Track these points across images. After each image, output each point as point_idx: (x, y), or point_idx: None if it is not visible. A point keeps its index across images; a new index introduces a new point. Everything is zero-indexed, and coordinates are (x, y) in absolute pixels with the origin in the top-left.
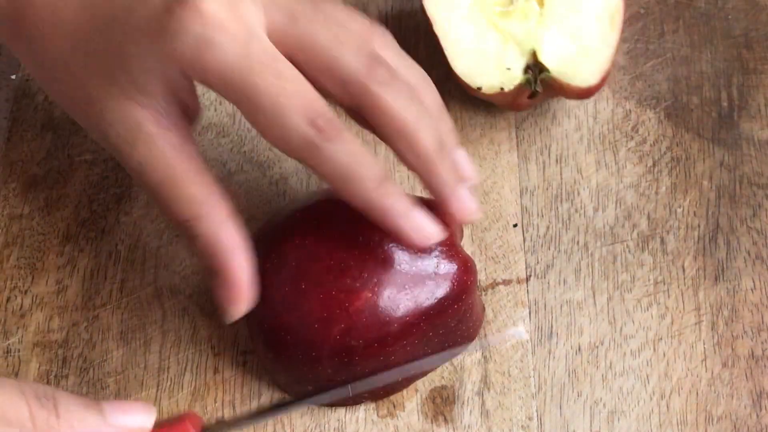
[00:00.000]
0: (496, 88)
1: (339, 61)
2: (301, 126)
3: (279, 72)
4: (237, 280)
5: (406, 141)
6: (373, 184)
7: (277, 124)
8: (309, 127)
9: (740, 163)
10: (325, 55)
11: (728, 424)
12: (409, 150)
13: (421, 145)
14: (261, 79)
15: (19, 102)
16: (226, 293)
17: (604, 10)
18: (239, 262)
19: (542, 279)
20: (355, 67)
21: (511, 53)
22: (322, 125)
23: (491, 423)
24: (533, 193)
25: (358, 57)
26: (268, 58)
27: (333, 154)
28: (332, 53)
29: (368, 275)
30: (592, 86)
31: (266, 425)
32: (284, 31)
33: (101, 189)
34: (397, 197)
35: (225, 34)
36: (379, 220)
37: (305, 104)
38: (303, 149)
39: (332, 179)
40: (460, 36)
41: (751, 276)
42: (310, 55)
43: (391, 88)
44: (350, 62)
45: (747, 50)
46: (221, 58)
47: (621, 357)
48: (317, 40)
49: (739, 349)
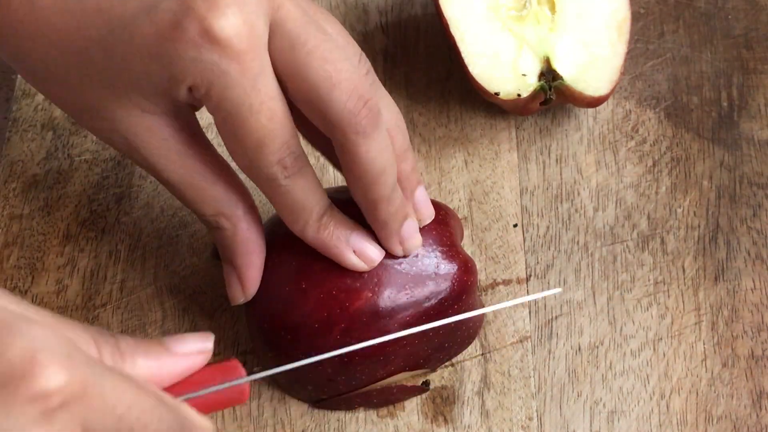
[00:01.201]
0: (513, 95)
1: (327, 104)
2: (272, 164)
3: (272, 114)
4: (248, 275)
5: (363, 184)
6: (315, 217)
7: (251, 158)
8: (277, 166)
9: (740, 163)
10: (315, 93)
11: (728, 424)
12: (364, 191)
13: (375, 193)
14: (255, 120)
15: (19, 102)
16: (235, 283)
17: (612, 20)
18: (253, 260)
19: (542, 279)
20: (341, 112)
21: (526, 59)
22: (289, 164)
23: (491, 423)
24: (533, 193)
25: (346, 102)
26: (268, 97)
27: (289, 189)
28: (322, 93)
29: (368, 275)
30: (603, 96)
31: (266, 425)
32: (283, 58)
33: (101, 189)
34: (335, 231)
35: (238, 66)
36: (320, 251)
37: (282, 145)
38: (264, 183)
39: (281, 209)
40: (477, 39)
41: (751, 276)
42: (302, 88)
43: (368, 139)
44: (338, 107)
45: (747, 50)
46: (228, 94)
47: (621, 357)
48: (310, 76)
49: (739, 349)
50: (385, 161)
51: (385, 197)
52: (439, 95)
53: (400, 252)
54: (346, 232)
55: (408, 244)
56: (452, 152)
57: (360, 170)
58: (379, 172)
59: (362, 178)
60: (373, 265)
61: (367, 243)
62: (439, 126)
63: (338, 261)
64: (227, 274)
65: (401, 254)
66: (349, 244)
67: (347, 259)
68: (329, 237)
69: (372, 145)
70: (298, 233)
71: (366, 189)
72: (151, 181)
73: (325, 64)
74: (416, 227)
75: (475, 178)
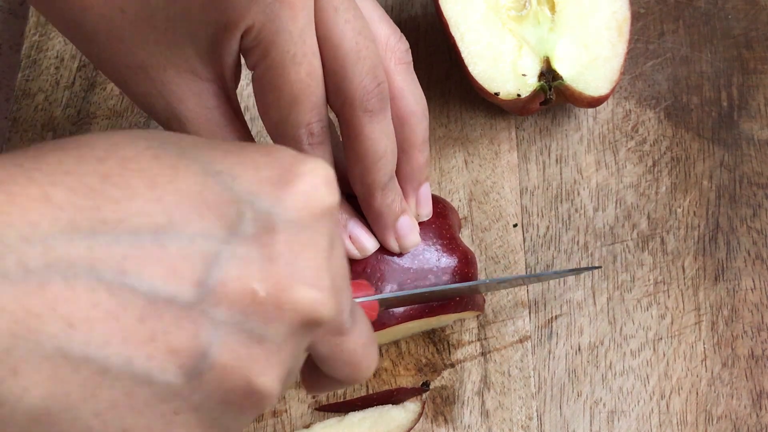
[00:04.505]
0: (513, 95)
1: (347, 77)
2: (300, 126)
3: (312, 69)
4: None
5: (363, 166)
6: None
7: (283, 113)
8: (304, 129)
9: (740, 163)
10: (342, 61)
11: (728, 424)
12: (362, 174)
13: (372, 176)
14: (295, 71)
15: (19, 102)
16: None
17: (613, 20)
18: None
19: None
20: (357, 85)
21: (526, 59)
22: (315, 131)
23: (491, 423)
24: (533, 193)
25: (365, 80)
26: (310, 52)
27: None
28: (347, 65)
29: (371, 270)
30: (603, 96)
31: (266, 425)
32: (323, 18)
33: None
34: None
35: (290, 12)
36: None
37: (313, 107)
38: (289, 144)
39: None
40: (477, 39)
41: (751, 276)
42: (331, 54)
43: (373, 120)
44: (356, 80)
45: (747, 50)
46: (276, 38)
47: (621, 357)
48: (342, 44)
49: (739, 349)
50: (386, 146)
51: (381, 184)
52: (439, 95)
53: (396, 248)
54: (345, 216)
55: (404, 242)
56: (452, 152)
57: (361, 150)
58: (379, 154)
59: (362, 160)
60: (365, 254)
61: (363, 231)
62: (439, 126)
63: None
64: None
65: (397, 250)
66: (346, 229)
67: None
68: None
69: (376, 127)
70: None
71: (364, 171)
72: None
73: (358, 36)
74: (414, 226)
75: (475, 178)
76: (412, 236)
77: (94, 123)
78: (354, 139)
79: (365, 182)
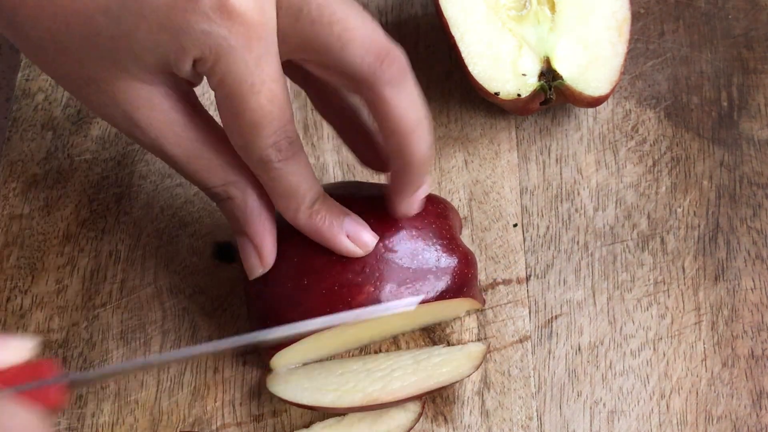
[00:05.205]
0: (513, 95)
1: (343, 64)
2: (267, 147)
3: (273, 95)
4: (264, 242)
5: (398, 140)
6: (307, 203)
7: (247, 138)
8: (272, 149)
9: (740, 163)
10: (329, 57)
11: (728, 424)
12: (399, 149)
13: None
14: (255, 100)
15: (19, 102)
16: (251, 254)
17: (613, 20)
18: (267, 227)
19: (542, 279)
20: (359, 66)
21: (526, 59)
22: (284, 147)
23: (491, 423)
24: (533, 193)
25: (363, 56)
26: (269, 78)
27: (282, 174)
28: (335, 56)
29: (370, 270)
30: (603, 96)
31: (266, 425)
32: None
33: (101, 189)
34: (327, 216)
35: (246, 42)
36: (313, 238)
37: (278, 128)
38: (258, 165)
39: (273, 195)
40: (477, 39)
41: (751, 276)
42: (315, 57)
43: (397, 89)
44: (354, 63)
45: (747, 50)
46: (231, 68)
47: (621, 357)
48: (318, 42)
49: (739, 349)
50: (418, 112)
51: (421, 155)
52: (439, 95)
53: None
54: (339, 217)
55: (413, 208)
56: (452, 152)
57: (393, 124)
58: (414, 123)
59: (396, 133)
60: (367, 250)
61: (361, 228)
62: (439, 126)
63: (332, 246)
64: (242, 246)
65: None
66: (342, 229)
67: (341, 244)
68: (321, 222)
69: (402, 96)
70: (291, 220)
71: (401, 146)
72: (151, 181)
73: (330, 27)
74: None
75: (475, 178)
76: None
77: (94, 123)
78: (383, 117)
79: (405, 156)
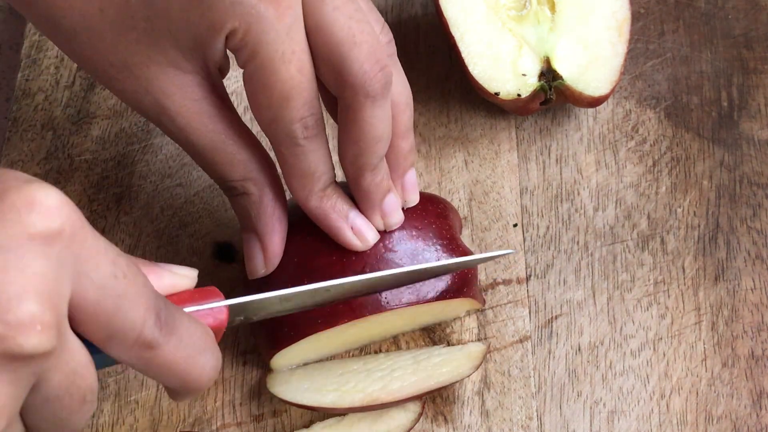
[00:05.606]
0: (513, 95)
1: (346, 62)
2: (294, 120)
3: (302, 65)
4: (273, 243)
5: (358, 148)
6: (321, 185)
7: (275, 111)
8: (299, 124)
9: (740, 163)
10: (337, 49)
11: (728, 424)
12: (355, 156)
13: (365, 158)
14: (286, 68)
15: (19, 102)
16: (257, 253)
17: (613, 20)
18: (278, 227)
19: (542, 279)
20: (357, 71)
21: (526, 59)
22: (310, 124)
23: (491, 423)
24: (533, 193)
25: (364, 62)
26: (299, 48)
27: (305, 151)
28: (343, 50)
29: (370, 270)
30: (603, 96)
31: (266, 425)
32: (311, 11)
33: (101, 189)
34: (337, 202)
35: (275, 12)
36: (319, 223)
37: (305, 103)
38: (283, 140)
39: (291, 173)
40: (477, 39)
41: (751, 276)
42: (325, 43)
43: (375, 104)
44: (355, 66)
45: (747, 50)
46: (262, 38)
47: (621, 357)
48: (335, 31)
49: (739, 349)
50: (383, 130)
51: (372, 165)
52: (439, 95)
53: (381, 226)
54: (346, 206)
55: (389, 220)
56: (452, 152)
57: (359, 133)
58: (376, 138)
59: (358, 142)
60: (368, 245)
61: (365, 222)
62: (439, 126)
63: (335, 234)
64: (249, 244)
65: (382, 228)
66: (347, 219)
67: (344, 233)
68: (331, 208)
69: (377, 112)
70: (302, 201)
71: (358, 154)
72: (151, 181)
73: (350, 21)
74: (398, 204)
75: (475, 178)
76: (397, 214)
77: (94, 123)
78: (352, 122)
79: (357, 164)
